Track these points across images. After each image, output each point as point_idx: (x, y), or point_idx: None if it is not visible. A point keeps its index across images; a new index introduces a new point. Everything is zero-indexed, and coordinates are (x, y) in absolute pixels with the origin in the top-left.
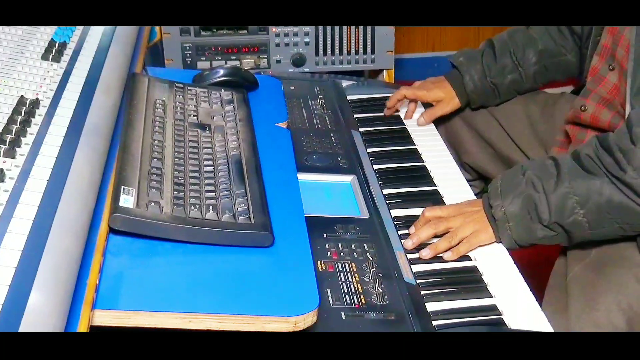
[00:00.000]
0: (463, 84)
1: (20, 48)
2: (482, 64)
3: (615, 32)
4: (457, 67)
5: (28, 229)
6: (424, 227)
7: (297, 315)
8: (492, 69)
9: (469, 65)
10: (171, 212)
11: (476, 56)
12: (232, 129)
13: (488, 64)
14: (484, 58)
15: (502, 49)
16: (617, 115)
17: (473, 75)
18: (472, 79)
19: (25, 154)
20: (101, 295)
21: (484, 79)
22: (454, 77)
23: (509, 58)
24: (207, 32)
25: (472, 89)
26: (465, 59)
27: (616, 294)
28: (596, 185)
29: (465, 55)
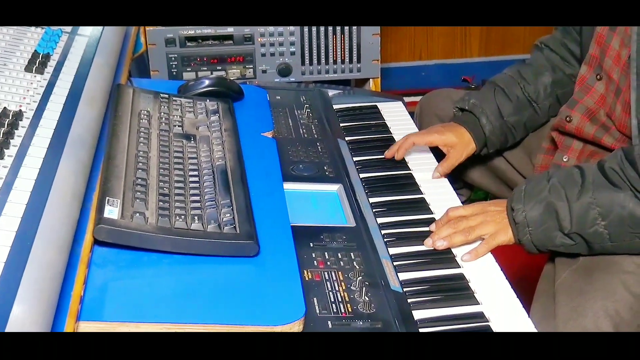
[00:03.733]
0: (480, 126)
1: (3, 59)
2: (496, 104)
3: (602, 42)
4: (470, 110)
5: (11, 240)
6: (445, 226)
7: (283, 324)
8: (507, 107)
9: (483, 106)
10: (156, 223)
11: (488, 96)
12: (217, 139)
13: (502, 103)
14: (497, 97)
15: (510, 86)
16: (600, 128)
17: (489, 116)
18: (489, 121)
19: (8, 165)
20: (86, 307)
21: (500, 119)
22: (468, 120)
23: (521, 94)
24: (192, 42)
25: (491, 130)
26: (477, 100)
27: (604, 300)
28: (620, 198)
29: (475, 97)
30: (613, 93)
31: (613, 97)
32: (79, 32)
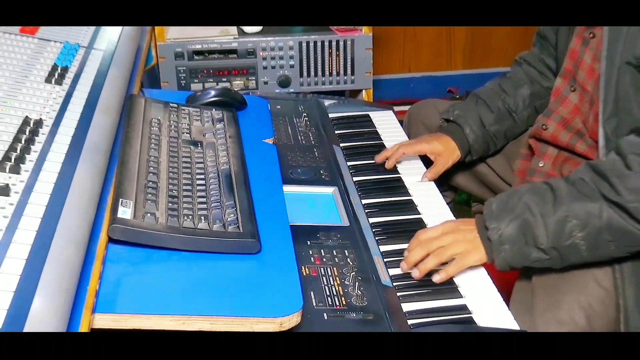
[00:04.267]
0: (464, 135)
1: (25, 72)
2: (479, 115)
3: (575, 57)
4: (454, 120)
5: (32, 239)
6: (416, 249)
7: (282, 316)
8: (489, 118)
9: (466, 117)
10: (166, 223)
11: (471, 108)
12: (222, 145)
13: (484, 114)
14: (479, 109)
15: (491, 98)
16: (574, 136)
17: (472, 126)
18: (472, 130)
19: (29, 170)
20: (101, 300)
21: (482, 128)
22: (453, 130)
23: (502, 106)
24: (199, 56)
25: (474, 139)
26: (461, 111)
27: (577, 294)
28: (595, 208)
29: (459, 109)
30: (588, 103)
31: (587, 107)
32: (94, 47)
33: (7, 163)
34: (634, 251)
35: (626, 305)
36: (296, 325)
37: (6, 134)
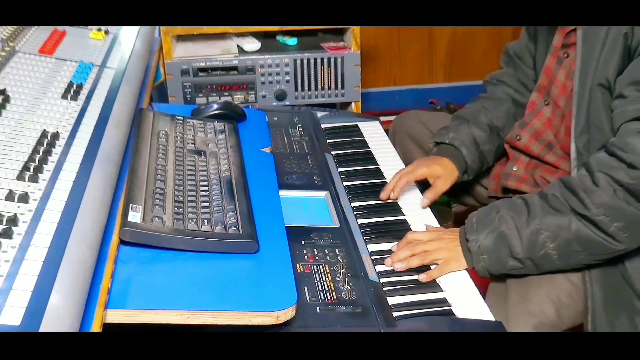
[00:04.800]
0: (463, 156)
1: (43, 89)
2: (472, 136)
3: (550, 74)
4: (451, 143)
5: (49, 242)
6: (404, 249)
7: (278, 310)
8: (481, 137)
9: (462, 139)
10: (172, 225)
11: (463, 130)
12: (224, 154)
13: (477, 134)
14: (471, 129)
15: (478, 118)
16: (544, 148)
17: (469, 147)
18: (470, 151)
19: (46, 179)
20: (113, 297)
21: (477, 148)
22: (452, 152)
23: (490, 124)
24: (203, 73)
25: (472, 159)
26: (455, 133)
27: (547, 288)
28: (565, 221)
29: (453, 131)
30: (559, 117)
31: (559, 121)
32: (107, 65)
33: (26, 173)
34: (601, 259)
35: (594, 305)
36: (291, 318)
37: (25, 146)
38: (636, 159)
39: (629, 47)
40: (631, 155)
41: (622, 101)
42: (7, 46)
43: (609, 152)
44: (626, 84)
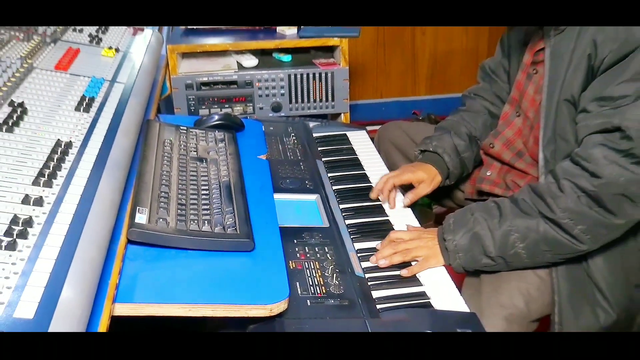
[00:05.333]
0: (445, 163)
1: (58, 102)
2: (454, 144)
3: (521, 88)
4: (434, 151)
5: (61, 242)
6: (387, 246)
7: (272, 303)
8: (462, 145)
9: (444, 147)
10: (175, 226)
11: (445, 139)
12: (223, 161)
13: (458, 143)
14: (453, 139)
15: (459, 128)
16: (515, 156)
17: (450, 154)
18: (451, 158)
19: (60, 184)
20: (120, 291)
21: (458, 155)
22: (434, 159)
23: (469, 133)
24: (206, 87)
25: (454, 165)
26: (438, 142)
27: (517, 282)
28: (533, 224)
29: (436, 140)
30: (529, 128)
31: (528, 131)
32: (117, 80)
33: (41, 178)
34: (566, 258)
35: (560, 298)
36: (284, 310)
37: (41, 154)
38: (597, 169)
39: (592, 66)
40: (593, 165)
41: (585, 115)
42: (25, 63)
43: (573, 162)
44: (589, 100)
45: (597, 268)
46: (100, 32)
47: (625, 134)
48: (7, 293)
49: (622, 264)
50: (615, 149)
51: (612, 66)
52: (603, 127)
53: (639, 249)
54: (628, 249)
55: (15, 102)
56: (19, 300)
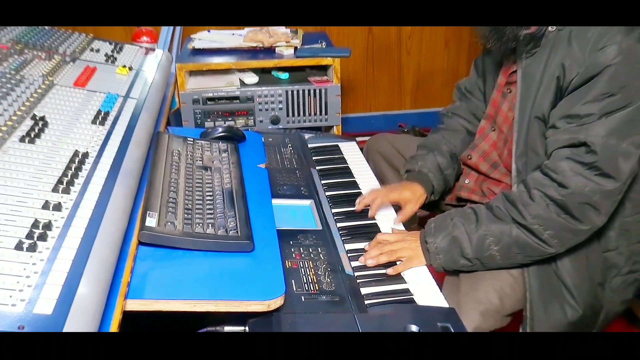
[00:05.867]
0: (430, 181)
1: (76, 116)
2: (437, 163)
3: (496, 105)
4: (419, 170)
5: (77, 244)
6: (374, 248)
7: (269, 299)
8: (444, 163)
9: (429, 167)
10: (182, 229)
11: (429, 159)
12: (226, 170)
13: (440, 161)
14: (436, 158)
15: (440, 147)
16: (490, 167)
17: (435, 173)
18: (435, 177)
19: (77, 191)
20: (131, 289)
21: (441, 173)
22: (420, 178)
23: (450, 151)
24: (211, 102)
25: (438, 183)
26: (423, 162)
27: (492, 280)
28: (507, 229)
29: (420, 160)
30: (503, 141)
31: (503, 144)
32: (130, 96)
33: (60, 185)
34: (536, 259)
35: (531, 295)
36: (280, 306)
37: (60, 164)
38: (565, 180)
39: (561, 87)
40: (561, 176)
41: (554, 131)
42: (46, 80)
43: (543, 173)
44: (558, 117)
45: (564, 268)
46: (115, 52)
47: (590, 148)
48: (27, 291)
49: (587, 264)
50: (581, 162)
51: (578, 87)
52: (570, 142)
53: (602, 252)
54: (592, 252)
55: (37, 116)
56: (38, 297)
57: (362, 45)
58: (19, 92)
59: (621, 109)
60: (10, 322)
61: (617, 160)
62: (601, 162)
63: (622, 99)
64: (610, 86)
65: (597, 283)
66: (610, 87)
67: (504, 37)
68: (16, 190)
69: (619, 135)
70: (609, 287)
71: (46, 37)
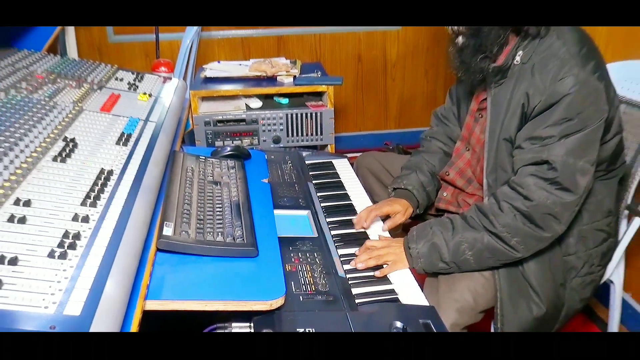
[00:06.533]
0: (415, 197)
1: (102, 137)
2: (420, 181)
3: (469, 128)
4: (405, 188)
5: (103, 252)
6: (364, 253)
7: (272, 299)
8: (426, 181)
9: (413, 184)
10: (195, 237)
11: (413, 178)
12: (234, 184)
13: (423, 180)
14: (418, 176)
15: (421, 167)
16: (466, 182)
17: (418, 190)
18: (419, 193)
19: (103, 204)
20: (150, 290)
21: (424, 190)
22: (406, 195)
23: (431, 170)
24: (221, 124)
25: (422, 198)
26: (408, 181)
27: (467, 281)
28: (479, 236)
29: (405, 179)
30: (476, 160)
31: (476, 162)
32: (150, 119)
33: (87, 200)
34: (505, 263)
35: (501, 294)
36: (281, 305)
37: (88, 180)
38: (529, 193)
39: (525, 113)
40: (526, 190)
41: (520, 151)
42: (76, 106)
43: (510, 187)
44: (523, 139)
45: (530, 271)
46: (136, 81)
47: (551, 166)
48: (58, 294)
49: (550, 267)
50: (543, 177)
51: (540, 113)
52: (534, 160)
53: (563, 256)
54: (554, 256)
55: (68, 137)
56: (68, 300)
57: (353, 74)
58: (52, 117)
59: (577, 132)
60: (43, 323)
61: (575, 176)
62: (561, 177)
63: (578, 124)
64: (568, 112)
65: (559, 283)
66: (567, 113)
67: (470, 70)
68: (49, 204)
69: (576, 155)
70: (569, 287)
71: (76, 68)
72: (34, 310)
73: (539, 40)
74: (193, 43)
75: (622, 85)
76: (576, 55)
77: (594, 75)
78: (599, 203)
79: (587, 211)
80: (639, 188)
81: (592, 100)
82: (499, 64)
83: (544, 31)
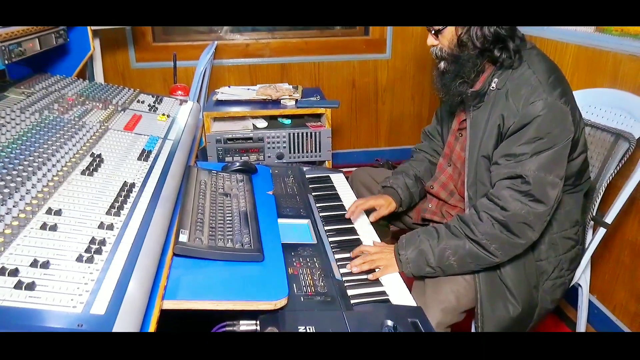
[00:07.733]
0: (399, 194)
1: (125, 153)
2: (405, 182)
3: (451, 146)
4: (391, 186)
5: (126, 256)
6: (357, 258)
7: (276, 300)
8: (410, 183)
9: (398, 184)
10: (207, 243)
11: (399, 179)
12: (242, 196)
13: (407, 181)
14: (404, 178)
15: (408, 172)
16: (448, 195)
17: (402, 189)
18: (403, 191)
19: (125, 214)
20: (168, 291)
21: (408, 190)
22: (391, 192)
23: (415, 175)
24: (231, 141)
25: (404, 196)
26: (394, 181)
27: (451, 284)
28: (461, 243)
29: (393, 179)
30: (457, 175)
31: (457, 177)
32: (168, 137)
33: (112, 209)
34: (485, 267)
35: (481, 295)
36: (284, 305)
37: (112, 192)
38: (506, 204)
39: (501, 133)
40: (503, 202)
41: (496, 166)
42: (103, 125)
43: (488, 199)
44: (499, 156)
45: (506, 274)
46: (156, 103)
47: (525, 179)
48: (85, 295)
49: (524, 271)
50: (518, 190)
51: (514, 133)
52: (509, 175)
53: (536, 261)
54: (528, 261)
55: (95, 153)
56: (94, 300)
57: (348, 97)
58: (81, 135)
59: (548, 149)
60: (72, 321)
61: (545, 189)
62: (534, 190)
63: (548, 142)
64: (539, 132)
65: (532, 286)
66: (538, 132)
67: (450, 92)
68: (77, 213)
69: (547, 170)
70: (542, 289)
71: (103, 91)
72: (63, 309)
73: (512, 70)
74: (206, 70)
75: (587, 110)
76: (545, 82)
77: (560, 100)
78: (567, 214)
79: (557, 221)
80: (603, 202)
81: (559, 122)
82: (476, 89)
83: (516, 62)
